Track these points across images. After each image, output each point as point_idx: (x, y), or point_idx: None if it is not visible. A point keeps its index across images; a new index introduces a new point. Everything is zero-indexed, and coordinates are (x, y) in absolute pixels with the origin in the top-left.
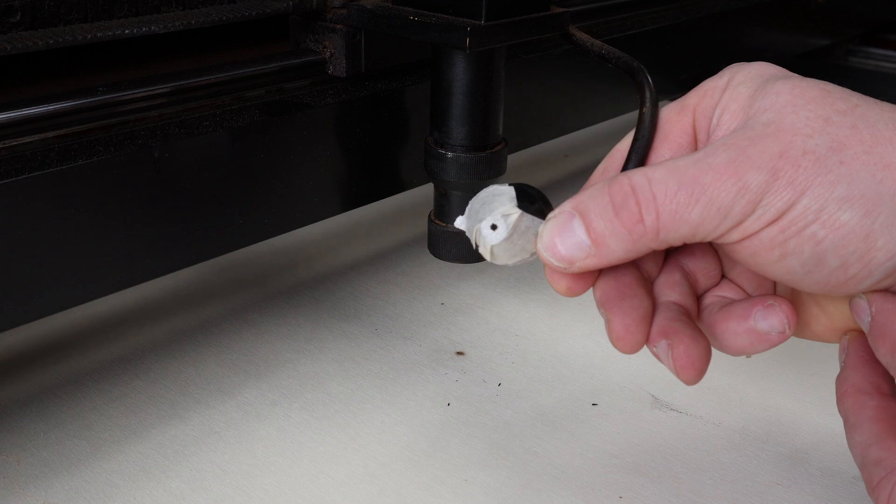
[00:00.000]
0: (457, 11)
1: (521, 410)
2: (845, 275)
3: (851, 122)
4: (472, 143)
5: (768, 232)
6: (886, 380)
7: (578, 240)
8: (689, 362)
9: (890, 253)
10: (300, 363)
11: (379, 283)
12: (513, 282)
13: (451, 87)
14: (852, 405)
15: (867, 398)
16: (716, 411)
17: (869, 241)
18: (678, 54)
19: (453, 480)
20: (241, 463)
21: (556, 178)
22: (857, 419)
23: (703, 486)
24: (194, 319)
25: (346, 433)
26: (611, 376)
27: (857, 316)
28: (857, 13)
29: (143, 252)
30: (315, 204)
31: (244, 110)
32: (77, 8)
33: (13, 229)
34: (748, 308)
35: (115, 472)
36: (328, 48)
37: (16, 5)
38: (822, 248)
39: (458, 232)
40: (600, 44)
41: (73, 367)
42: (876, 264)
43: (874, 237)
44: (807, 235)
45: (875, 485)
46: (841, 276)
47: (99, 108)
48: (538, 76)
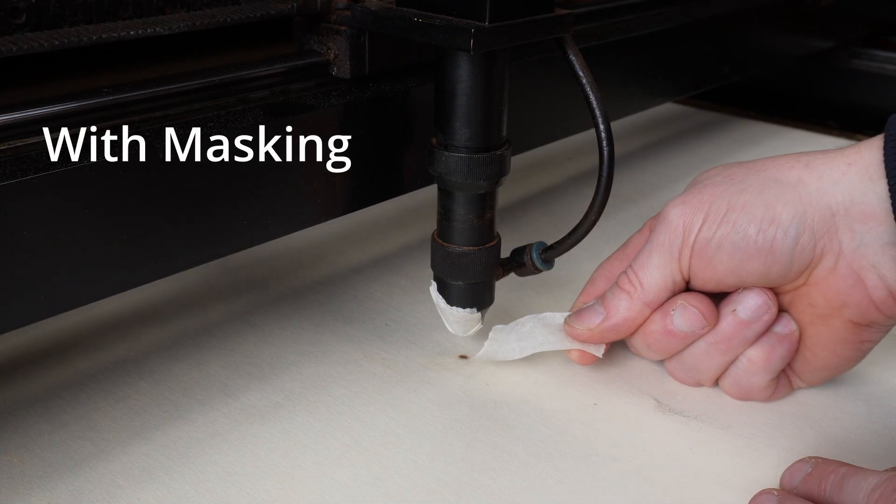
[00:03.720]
0: (461, 13)
1: (525, 414)
2: (769, 238)
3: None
4: (476, 144)
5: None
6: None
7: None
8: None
9: (791, 212)
10: (304, 366)
11: (382, 286)
12: (516, 286)
13: (455, 89)
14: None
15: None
16: (719, 415)
17: (770, 209)
18: (681, 57)
19: (457, 483)
20: (244, 465)
21: (558, 180)
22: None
23: (707, 490)
24: (198, 322)
25: (350, 436)
26: (614, 380)
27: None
28: (861, 15)
29: (147, 253)
30: (318, 206)
31: (248, 111)
32: (82, 9)
33: (18, 230)
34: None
35: (119, 474)
36: (332, 50)
37: (21, 7)
38: (740, 227)
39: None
40: (587, 73)
41: (77, 369)
42: (785, 222)
43: (773, 205)
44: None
45: None
46: (767, 241)
47: (104, 110)
48: (542, 78)
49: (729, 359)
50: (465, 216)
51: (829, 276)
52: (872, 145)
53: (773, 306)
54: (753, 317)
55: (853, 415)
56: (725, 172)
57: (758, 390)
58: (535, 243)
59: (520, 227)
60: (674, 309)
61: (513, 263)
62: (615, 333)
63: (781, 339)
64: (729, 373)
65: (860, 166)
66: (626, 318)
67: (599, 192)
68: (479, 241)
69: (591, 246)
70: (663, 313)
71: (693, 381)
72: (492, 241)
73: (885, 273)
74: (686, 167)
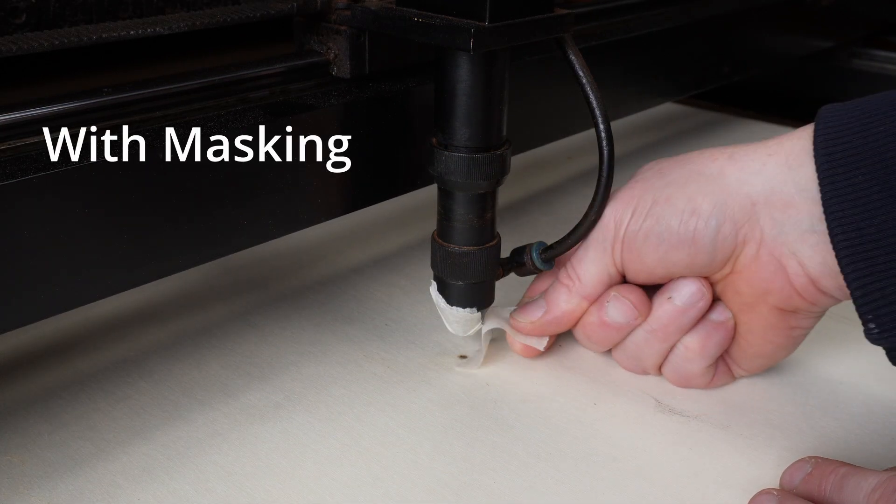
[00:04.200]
0: (461, 13)
1: (525, 414)
2: (690, 228)
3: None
4: (476, 144)
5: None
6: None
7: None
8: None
9: (711, 203)
10: (304, 366)
11: (382, 286)
12: (515, 285)
13: (454, 89)
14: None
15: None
16: (719, 415)
17: (692, 202)
18: (681, 57)
19: (456, 483)
20: (244, 465)
21: (558, 180)
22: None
23: (707, 490)
24: (198, 322)
25: (350, 436)
26: (614, 380)
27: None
28: (861, 15)
29: (147, 253)
30: (318, 206)
31: (248, 111)
32: (82, 9)
33: (18, 230)
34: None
35: (119, 474)
36: (332, 50)
37: (21, 6)
38: (663, 220)
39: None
40: (587, 73)
41: (77, 369)
42: (706, 213)
43: (694, 197)
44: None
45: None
46: (689, 232)
47: (104, 110)
48: (542, 78)
49: (667, 346)
50: (465, 216)
51: (752, 264)
52: (794, 136)
53: (707, 293)
54: (688, 303)
55: (853, 415)
56: (657, 167)
57: (696, 377)
58: (535, 243)
59: (520, 227)
60: (608, 301)
61: (513, 263)
62: (555, 326)
63: (717, 326)
64: (668, 360)
65: (780, 156)
66: (565, 312)
67: (599, 192)
68: (479, 240)
69: None
70: (598, 306)
71: (639, 370)
72: (492, 241)
73: (804, 260)
74: None
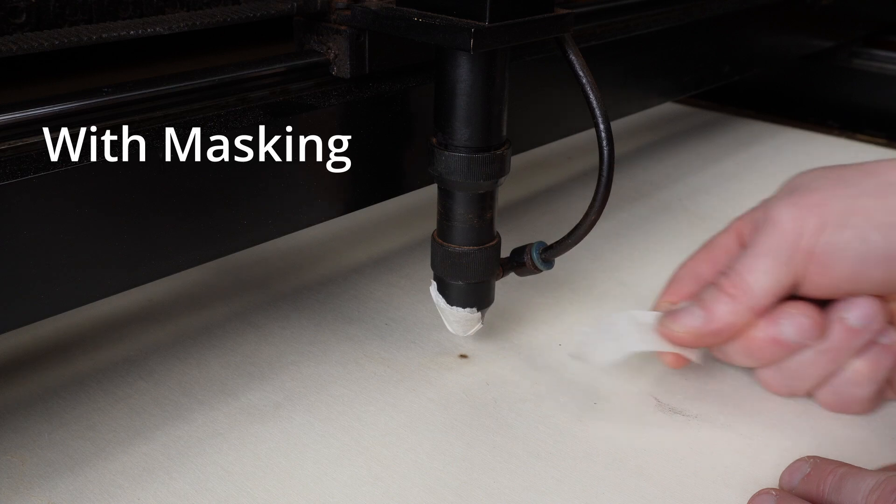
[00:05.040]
0: (461, 13)
1: (524, 413)
2: (892, 243)
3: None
4: (476, 144)
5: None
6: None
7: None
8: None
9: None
10: (304, 366)
11: (382, 285)
12: (515, 285)
13: (455, 89)
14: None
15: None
16: (719, 415)
17: (893, 214)
18: (681, 57)
19: (456, 483)
20: (244, 464)
21: (558, 180)
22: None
23: (707, 490)
24: (198, 321)
25: (350, 435)
26: (614, 379)
27: None
28: (861, 15)
29: (148, 252)
30: (318, 206)
31: (248, 111)
32: (82, 9)
33: (18, 230)
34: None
35: (119, 473)
36: (332, 49)
37: (21, 6)
38: (862, 232)
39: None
40: (587, 72)
41: (77, 369)
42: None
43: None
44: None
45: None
46: (891, 247)
47: (104, 110)
48: (542, 77)
49: (834, 368)
50: (465, 216)
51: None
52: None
53: (882, 315)
54: (863, 325)
55: (853, 414)
56: (832, 175)
57: (859, 402)
58: (535, 243)
59: (520, 227)
60: (784, 318)
61: (513, 263)
62: (715, 338)
63: (886, 350)
64: (830, 383)
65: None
66: (730, 323)
67: (599, 192)
68: (479, 240)
69: (591, 246)
70: (771, 321)
71: (788, 391)
72: (492, 241)
73: None
74: (686, 167)
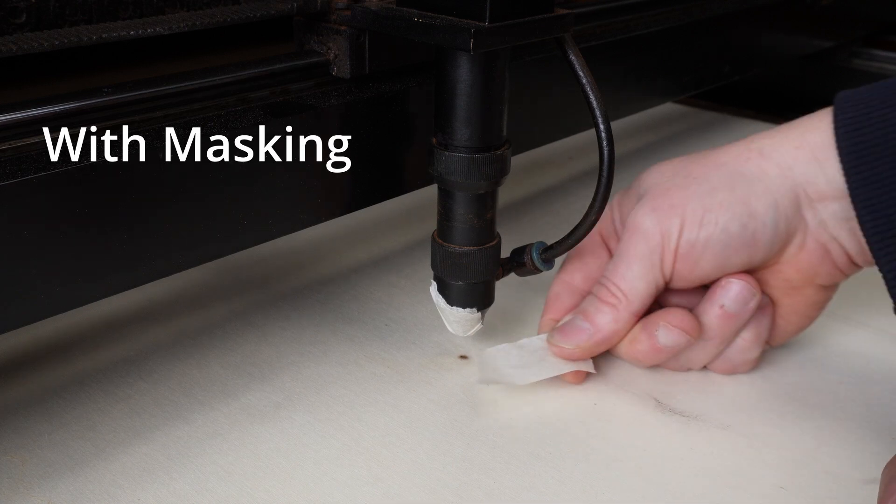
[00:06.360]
0: (461, 13)
1: (524, 414)
2: (750, 231)
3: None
4: (476, 144)
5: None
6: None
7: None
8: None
9: (765, 204)
10: (304, 366)
11: (383, 286)
12: (515, 285)
13: (455, 89)
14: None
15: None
16: (719, 415)
17: (746, 205)
18: (681, 57)
19: (456, 483)
20: (244, 465)
21: (559, 180)
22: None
23: (706, 489)
24: (198, 322)
25: (350, 436)
26: (613, 380)
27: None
28: (862, 15)
29: (148, 253)
30: (318, 206)
31: (248, 111)
32: (82, 9)
33: (18, 230)
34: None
35: (119, 474)
36: (332, 49)
37: (21, 6)
38: (722, 226)
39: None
40: (587, 72)
41: (77, 369)
42: (762, 214)
43: (747, 200)
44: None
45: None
46: (749, 235)
47: (104, 110)
48: (542, 77)
49: (724, 348)
50: (465, 216)
51: (800, 252)
52: (814, 127)
53: (756, 290)
54: (741, 308)
55: (853, 415)
56: (682, 172)
57: (749, 363)
58: (535, 243)
59: (520, 227)
60: (657, 330)
61: (513, 263)
62: (604, 346)
63: (763, 313)
64: (723, 355)
65: (806, 150)
66: (615, 331)
67: (599, 192)
68: (479, 240)
69: None
70: (648, 334)
71: (685, 369)
72: (492, 241)
73: (843, 243)
74: None
